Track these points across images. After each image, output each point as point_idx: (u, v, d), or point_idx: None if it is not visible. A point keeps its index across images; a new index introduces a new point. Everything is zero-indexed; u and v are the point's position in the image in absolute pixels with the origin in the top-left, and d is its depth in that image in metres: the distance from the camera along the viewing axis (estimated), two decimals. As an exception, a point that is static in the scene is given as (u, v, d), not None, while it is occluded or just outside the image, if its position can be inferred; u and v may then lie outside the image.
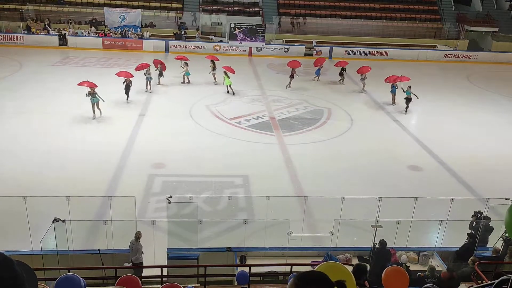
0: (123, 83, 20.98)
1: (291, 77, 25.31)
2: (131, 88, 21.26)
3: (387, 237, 9.96)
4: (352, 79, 28.60)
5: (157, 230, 10.73)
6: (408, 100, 21.47)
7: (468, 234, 10.70)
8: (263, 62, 31.92)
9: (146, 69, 22.95)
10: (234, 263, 10.17)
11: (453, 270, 8.95)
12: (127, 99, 21.25)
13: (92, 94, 18.55)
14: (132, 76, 21.35)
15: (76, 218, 9.97)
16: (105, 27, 34.02)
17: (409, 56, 34.97)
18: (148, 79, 22.92)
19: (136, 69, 22.80)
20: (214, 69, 25.31)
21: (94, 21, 34.36)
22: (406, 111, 21.70)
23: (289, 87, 25.30)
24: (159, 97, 22.86)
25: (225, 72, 23.61)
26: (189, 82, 25.15)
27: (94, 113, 18.82)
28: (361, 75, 25.29)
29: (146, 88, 23.10)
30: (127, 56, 30.99)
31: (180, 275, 9.24)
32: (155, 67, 24.27)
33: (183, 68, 25.08)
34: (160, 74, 24.44)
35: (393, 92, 22.78)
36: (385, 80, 23.12)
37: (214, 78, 25.39)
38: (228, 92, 23.79)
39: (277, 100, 23.44)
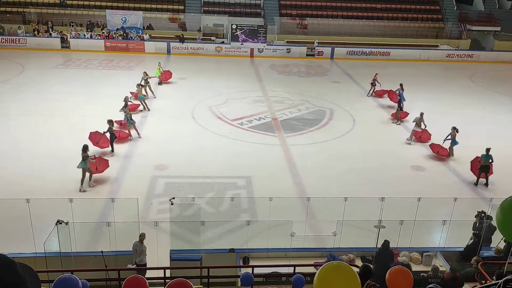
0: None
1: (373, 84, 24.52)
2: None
3: (390, 237, 9.92)
4: (353, 78, 28.60)
5: (160, 232, 10.75)
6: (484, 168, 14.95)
7: (473, 233, 10.66)
8: (265, 63, 31.92)
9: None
10: (237, 264, 10.17)
11: (456, 270, 8.92)
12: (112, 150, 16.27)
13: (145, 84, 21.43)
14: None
15: (79, 220, 9.98)
16: (101, 29, 34.01)
17: (411, 56, 34.91)
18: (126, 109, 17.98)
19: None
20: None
21: (90, 23, 34.30)
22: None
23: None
24: (161, 99, 22.87)
25: (160, 63, 25.41)
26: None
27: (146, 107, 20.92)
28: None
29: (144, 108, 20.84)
30: (129, 58, 31.07)
31: (183, 276, 9.22)
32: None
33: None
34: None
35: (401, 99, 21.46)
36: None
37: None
38: (159, 83, 25.13)
39: (279, 101, 23.43)
